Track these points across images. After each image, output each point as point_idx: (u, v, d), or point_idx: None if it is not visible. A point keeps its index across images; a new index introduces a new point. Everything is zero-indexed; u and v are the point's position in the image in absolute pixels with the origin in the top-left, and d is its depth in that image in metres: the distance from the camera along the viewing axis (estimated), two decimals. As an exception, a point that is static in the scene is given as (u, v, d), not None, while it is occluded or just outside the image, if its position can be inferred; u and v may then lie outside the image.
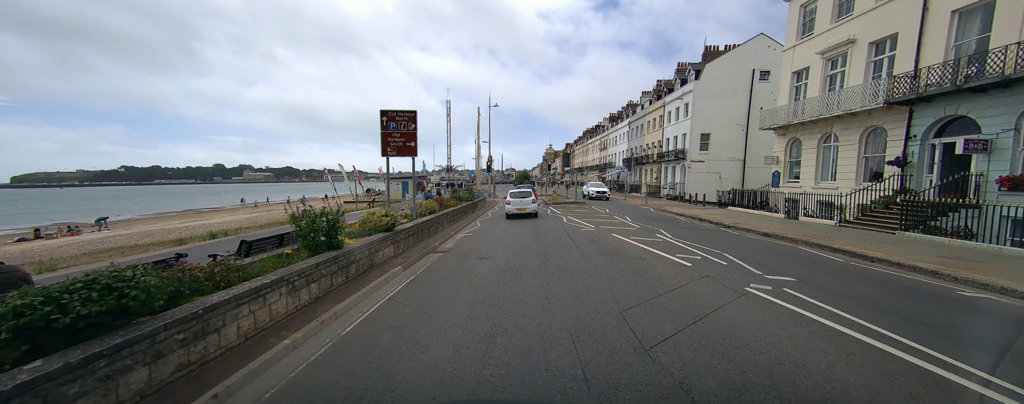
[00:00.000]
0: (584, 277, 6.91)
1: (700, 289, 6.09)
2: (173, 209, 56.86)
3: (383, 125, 11.49)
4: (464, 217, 18.29)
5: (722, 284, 6.36)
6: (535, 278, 6.89)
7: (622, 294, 5.84)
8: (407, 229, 9.63)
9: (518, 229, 14.17)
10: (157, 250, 13.17)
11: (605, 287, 6.24)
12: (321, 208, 6.64)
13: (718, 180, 32.08)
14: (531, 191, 19.02)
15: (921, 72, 12.67)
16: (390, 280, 7.07)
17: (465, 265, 8.24)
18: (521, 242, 11.11)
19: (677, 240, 11.10)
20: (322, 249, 6.22)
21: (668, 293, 5.87)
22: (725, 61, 31.36)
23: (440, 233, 12.93)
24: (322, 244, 6.23)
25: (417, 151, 11.81)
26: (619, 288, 6.16)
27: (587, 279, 6.76)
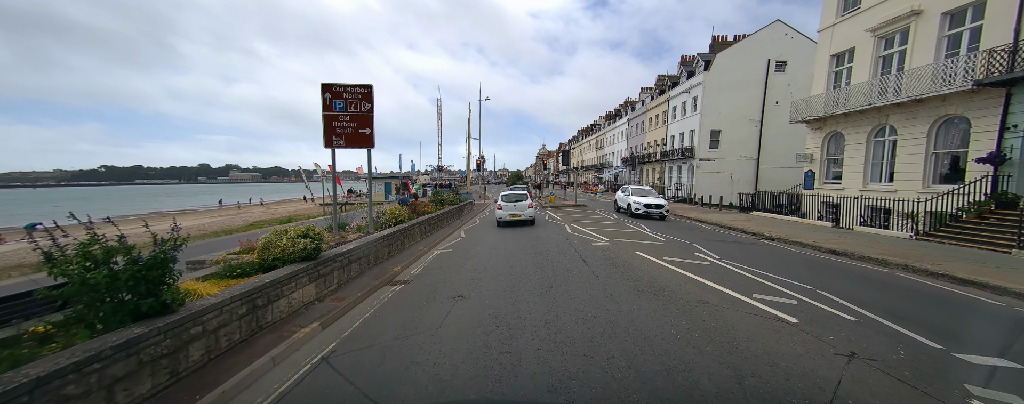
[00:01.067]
0: (625, 348, 3.91)
1: (865, 396, 3.11)
2: (139, 211, 52.78)
3: (325, 104, 8.37)
4: (446, 225, 15.19)
5: (897, 379, 3.38)
6: (541, 353, 3.87)
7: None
8: (346, 253, 6.53)
9: (511, 243, 11.13)
10: (12, 277, 9.77)
11: (673, 382, 3.24)
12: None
13: (729, 181, 29.39)
14: (526, 193, 16.01)
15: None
16: (284, 360, 3.97)
17: (428, 315, 5.18)
18: (515, 266, 8.06)
19: (728, 262, 8.15)
20: (123, 319, 3.11)
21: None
22: (737, 51, 28.68)
23: (409, 250, 9.83)
24: (124, 308, 3.13)
25: (374, 140, 8.71)
26: (705, 384, 3.18)
27: (633, 356, 3.76)
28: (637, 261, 8.24)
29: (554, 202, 24.85)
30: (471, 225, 16.02)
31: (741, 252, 9.42)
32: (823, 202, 16.42)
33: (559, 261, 8.38)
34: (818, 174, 17.27)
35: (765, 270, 7.45)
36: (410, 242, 10.25)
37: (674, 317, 4.86)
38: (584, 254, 9.11)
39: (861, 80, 14.91)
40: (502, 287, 6.43)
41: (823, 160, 17.18)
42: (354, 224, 9.24)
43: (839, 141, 16.46)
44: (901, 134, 13.47)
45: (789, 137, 28.57)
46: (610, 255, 8.95)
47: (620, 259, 8.48)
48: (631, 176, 45.64)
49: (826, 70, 16.93)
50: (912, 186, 12.94)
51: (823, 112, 16.46)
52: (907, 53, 13.33)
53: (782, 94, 28.36)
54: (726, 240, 11.44)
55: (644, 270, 7.40)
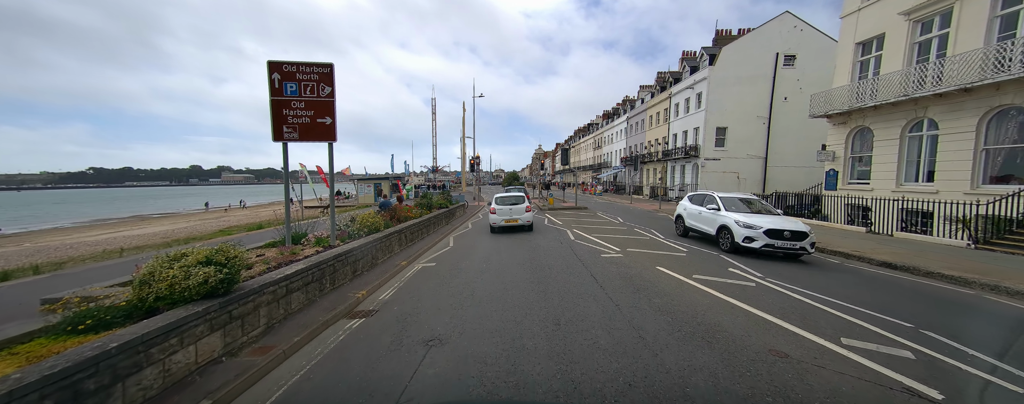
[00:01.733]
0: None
1: None
2: (119, 215, 50.63)
3: (272, 87, 6.73)
4: (433, 232, 13.55)
5: None
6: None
7: None
8: (286, 279, 4.89)
9: (506, 254, 9.52)
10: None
11: None
12: None
13: (736, 181, 27.99)
14: (523, 195, 14.41)
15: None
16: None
17: (386, 374, 3.57)
18: (511, 288, 6.45)
19: (774, 282, 6.59)
20: None
21: None
22: (744, 44, 27.29)
23: (383, 265, 8.20)
24: None
25: (336, 132, 7.08)
26: None
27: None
28: (661, 281, 6.66)
29: (553, 204, 23.27)
30: (462, 231, 14.39)
31: (781, 266, 7.87)
32: (848, 204, 14.98)
33: (565, 281, 6.79)
34: (842, 173, 15.82)
35: (825, 294, 5.89)
36: (386, 255, 8.60)
37: (749, 385, 3.27)
38: (595, 270, 7.52)
39: (893, 69, 13.46)
40: (494, 323, 4.82)
41: (847, 158, 15.73)
42: (314, 236, 7.57)
43: (866, 137, 15.02)
44: (943, 128, 12.03)
45: (798, 135, 27.25)
46: (626, 271, 7.36)
47: (640, 278, 6.90)
48: (630, 176, 44.17)
49: (850, 60, 15.50)
50: (957, 187, 11.49)
51: (847, 105, 15.01)
52: (949, 37, 11.90)
53: (791, 89, 27.02)
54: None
55: (675, 295, 5.81)
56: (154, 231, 21.77)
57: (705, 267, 7.67)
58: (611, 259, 8.57)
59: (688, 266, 7.77)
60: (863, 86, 14.49)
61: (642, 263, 8.09)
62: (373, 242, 7.85)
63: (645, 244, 10.55)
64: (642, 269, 7.51)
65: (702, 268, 7.58)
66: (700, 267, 7.68)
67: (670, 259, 8.47)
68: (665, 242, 10.89)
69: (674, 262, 8.17)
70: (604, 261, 8.36)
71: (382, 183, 34.56)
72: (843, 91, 15.37)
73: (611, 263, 8.16)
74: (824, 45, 26.66)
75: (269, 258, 6.10)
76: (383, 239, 8.44)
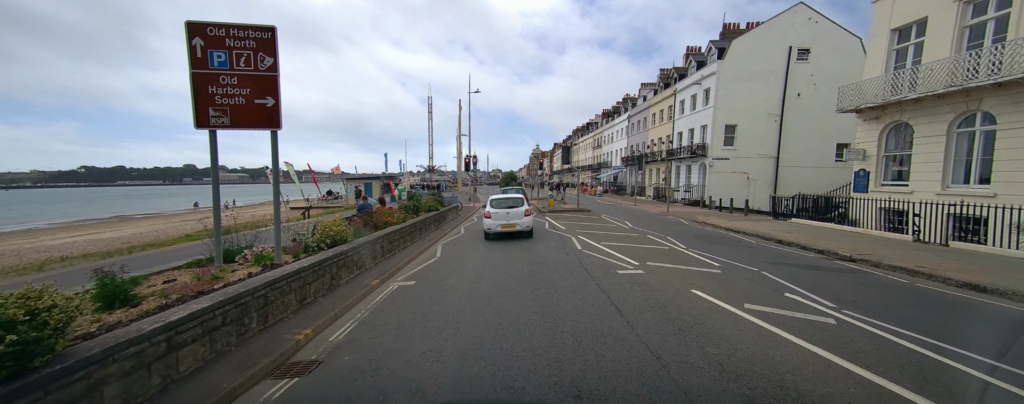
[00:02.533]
0: None
1: None
2: (100, 215, 48.64)
3: (193, 56, 5.11)
4: (419, 238, 11.95)
5: None
6: None
7: None
8: (172, 326, 3.27)
9: (502, 269, 7.93)
10: None
11: None
12: None
13: (746, 182, 26.51)
14: (522, 197, 12.81)
15: None
16: None
17: None
18: (507, 327, 4.85)
19: (857, 317, 5.01)
20: None
21: None
22: (755, 37, 25.81)
23: (347, 286, 6.58)
24: None
25: (280, 118, 5.46)
26: None
27: None
28: (706, 314, 5.07)
29: (553, 206, 21.70)
30: (453, 237, 12.78)
31: (848, 289, 6.31)
32: (883, 208, 13.49)
33: (578, 312, 5.19)
34: (874, 174, 14.31)
35: (938, 338, 4.32)
36: (352, 273, 6.98)
37: None
38: (615, 294, 5.93)
39: (938, 57, 11.96)
40: (484, 390, 3.24)
41: (880, 157, 14.22)
42: (254, 251, 5.93)
43: (903, 133, 13.53)
44: (1002, 123, 10.53)
45: (812, 133, 25.82)
46: (654, 297, 5.78)
47: (675, 307, 5.31)
48: (631, 176, 42.68)
49: (884, 48, 14.00)
50: (1021, 190, 10.00)
51: (881, 98, 13.51)
52: (1011, 19, 10.40)
53: (805, 85, 25.57)
54: (798, 263, 8.33)
55: (735, 340, 4.22)
56: (118, 235, 20.01)
57: (753, 290, 6.10)
58: (631, 277, 6.98)
59: (731, 288, 6.19)
60: (901, 77, 12.99)
61: (671, 283, 6.50)
62: (334, 258, 6.22)
63: (666, 256, 8.97)
64: (674, 294, 5.92)
65: (751, 292, 6.00)
66: (747, 290, 6.10)
67: (704, 278, 6.89)
68: (689, 253, 9.31)
69: (711, 282, 6.59)
70: (623, 280, 6.77)
71: (372, 183, 32.89)
72: (876, 83, 13.87)
73: (632, 283, 6.57)
74: (840, 38, 25.25)
75: (176, 287, 4.46)
76: (350, 252, 6.82)
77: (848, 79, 25.56)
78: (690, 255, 9.07)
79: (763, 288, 6.22)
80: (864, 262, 8.50)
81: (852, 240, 11.31)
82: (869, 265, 8.30)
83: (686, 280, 6.72)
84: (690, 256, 8.94)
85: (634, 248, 10.01)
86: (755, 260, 8.52)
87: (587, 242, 11.02)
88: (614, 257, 8.86)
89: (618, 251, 9.57)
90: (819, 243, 10.60)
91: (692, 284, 6.44)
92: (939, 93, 11.54)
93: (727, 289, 6.14)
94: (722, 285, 6.38)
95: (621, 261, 8.39)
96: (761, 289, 6.16)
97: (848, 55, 25.22)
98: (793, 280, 6.73)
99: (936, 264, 7.92)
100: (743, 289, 6.15)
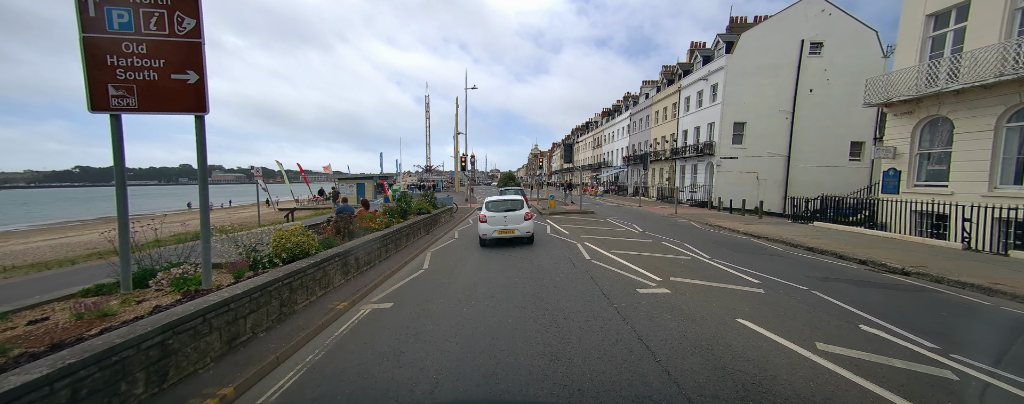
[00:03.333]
0: None
1: None
2: (86, 216, 47.17)
3: (84, 16, 3.81)
4: (402, 247, 10.68)
5: None
6: None
7: None
8: None
9: (500, 286, 6.67)
10: None
11: None
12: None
13: (755, 182, 25.33)
14: (521, 199, 11.54)
15: None
16: None
17: None
18: (503, 384, 3.59)
19: (969, 363, 3.75)
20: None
21: None
22: (765, 30, 24.61)
23: (304, 313, 5.31)
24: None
25: (206, 101, 4.17)
26: None
27: None
28: (770, 358, 3.81)
29: (554, 207, 20.44)
30: (445, 243, 11.51)
31: (930, 318, 5.05)
32: (916, 211, 12.28)
33: (597, 351, 3.93)
34: (906, 174, 13.10)
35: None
36: (311, 295, 5.69)
37: None
38: (641, 326, 4.67)
39: (983, 44, 10.75)
40: None
41: (913, 155, 13.01)
42: (179, 271, 4.62)
43: (941, 129, 12.32)
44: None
45: (825, 131, 24.66)
46: (693, 330, 4.52)
47: (724, 347, 4.05)
48: (633, 176, 41.46)
49: (918, 35, 12.78)
50: (1088, 190, 8.80)
51: (915, 91, 12.31)
52: (1075, -3, 9.21)
53: (818, 80, 24.39)
54: (845, 278, 7.10)
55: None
56: (87, 240, 18.64)
57: (817, 320, 4.84)
58: (655, 299, 5.72)
59: (786, 317, 4.93)
60: (938, 67, 11.78)
61: (708, 308, 5.24)
62: (287, 278, 4.94)
63: (690, 269, 7.71)
64: (717, 325, 4.66)
65: (815, 323, 4.74)
66: (808, 320, 4.85)
67: (746, 300, 5.63)
68: (716, 265, 8.05)
69: (757, 306, 5.33)
70: (646, 303, 5.51)
71: (365, 183, 31.54)
72: (908, 74, 12.66)
73: (659, 307, 5.31)
74: (855, 31, 24.08)
75: (36, 333, 3.17)
76: (311, 269, 5.54)
77: (863, 74, 24.35)
78: (718, 267, 7.81)
79: (826, 316, 4.97)
80: (921, 276, 7.27)
81: (891, 247, 10.10)
82: (928, 280, 7.08)
83: (725, 303, 5.47)
84: (718, 269, 7.68)
85: (650, 258, 8.75)
86: (794, 274, 7.27)
87: (595, 250, 9.77)
88: (629, 270, 7.60)
89: (633, 262, 8.31)
90: (857, 251, 9.39)
91: (735, 309, 5.18)
92: (987, 84, 10.33)
93: (782, 318, 4.89)
94: (773, 311, 5.13)
95: (639, 275, 7.13)
96: (825, 318, 4.91)
97: (863, 49, 24.07)
98: (857, 303, 5.47)
99: (1009, 280, 6.69)
100: (803, 318, 4.89)
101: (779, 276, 7.04)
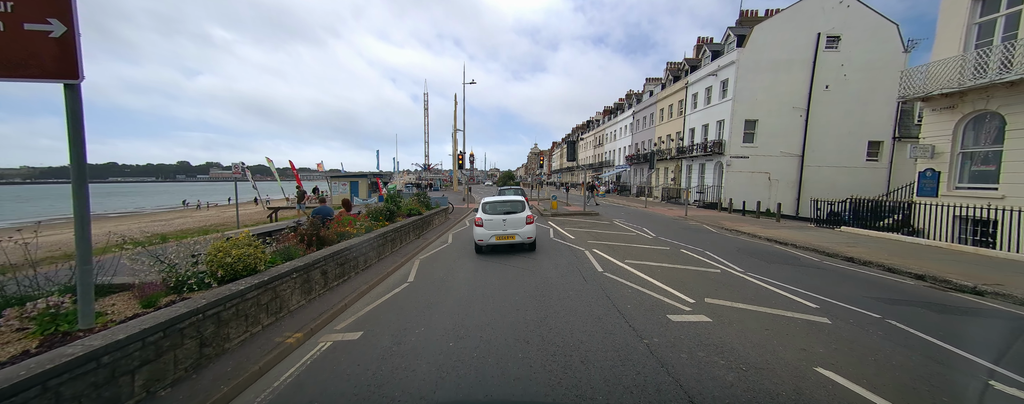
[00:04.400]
0: None
1: None
2: (70, 214, 45.69)
3: None
4: (388, 254, 9.46)
5: None
6: None
7: None
8: None
9: (496, 311, 5.46)
10: None
11: None
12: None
13: (767, 182, 24.14)
14: (522, 201, 10.32)
15: None
16: None
17: None
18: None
19: None
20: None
21: None
22: (779, 23, 23.38)
23: (228, 357, 4.07)
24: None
25: (78, 63, 2.89)
26: None
27: None
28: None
29: (556, 208, 19.22)
30: (437, 249, 10.29)
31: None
32: (958, 216, 11.08)
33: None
34: (946, 175, 11.89)
35: None
36: (252, 326, 4.44)
37: None
38: (684, 374, 3.45)
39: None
40: None
41: (955, 154, 11.81)
42: (52, 301, 3.38)
43: (989, 125, 11.12)
44: None
45: (840, 129, 23.48)
46: (760, 385, 3.30)
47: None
48: (636, 176, 40.25)
49: (962, 21, 11.56)
50: None
51: (958, 83, 11.11)
52: None
53: (834, 76, 23.19)
54: (916, 300, 5.88)
55: None
56: (58, 240, 17.37)
57: (925, 370, 3.63)
58: (695, 330, 4.50)
59: (881, 365, 3.71)
60: (987, 56, 10.58)
61: (770, 348, 4.02)
62: (209, 308, 3.70)
63: (724, 285, 6.48)
64: (794, 378, 3.42)
65: (926, 376, 3.53)
66: (913, 370, 3.62)
67: (813, 334, 4.42)
68: (754, 281, 6.82)
69: (832, 345, 4.11)
70: (685, 337, 4.29)
71: (359, 181, 30.29)
72: (950, 65, 11.45)
73: (703, 345, 4.09)
74: (875, 24, 22.87)
75: None
76: (254, 292, 4.29)
77: (882, 69, 23.25)
78: (757, 284, 6.59)
79: (934, 364, 3.74)
80: (1001, 297, 6.07)
81: (939, 257, 8.90)
82: (1014, 303, 5.87)
83: (788, 340, 4.24)
84: (759, 287, 6.46)
85: (673, 271, 7.53)
86: (852, 294, 6.06)
87: (607, 259, 8.54)
88: (651, 286, 6.38)
89: (653, 275, 7.09)
90: (906, 263, 8.19)
91: (805, 350, 3.96)
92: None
93: (877, 367, 3.65)
94: (859, 355, 3.89)
95: (665, 295, 5.91)
96: (934, 367, 3.68)
97: (883, 43, 22.87)
98: (955, 340, 4.26)
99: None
100: (906, 367, 3.66)
101: (835, 297, 5.82)
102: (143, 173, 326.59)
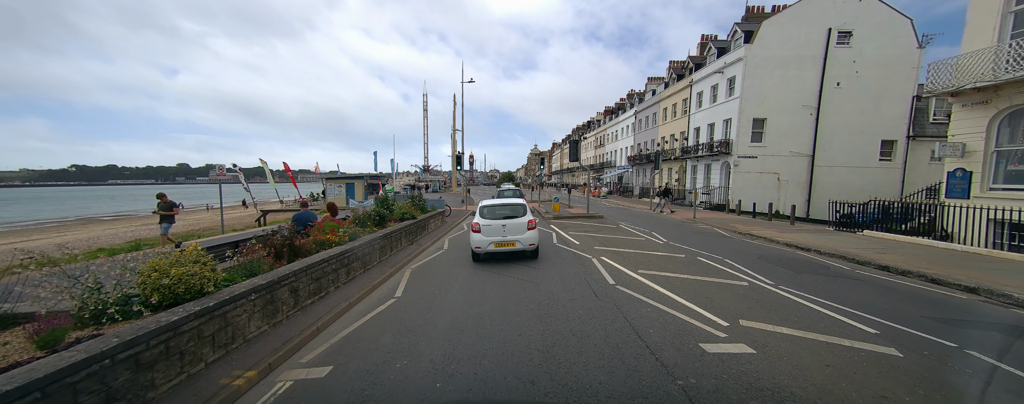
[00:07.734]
0: None
1: None
2: (63, 216, 44.97)
3: None
4: (373, 264, 8.64)
5: None
6: None
7: None
8: None
9: (494, 336, 4.64)
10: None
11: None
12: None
13: (776, 183, 23.33)
14: (523, 203, 9.49)
15: None
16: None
17: None
18: None
19: None
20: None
21: None
22: (788, 18, 22.59)
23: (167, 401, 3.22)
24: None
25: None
26: None
27: None
28: None
29: (558, 211, 18.39)
30: (431, 257, 9.46)
31: None
32: (993, 219, 10.26)
33: None
34: (979, 175, 11.07)
35: None
36: (196, 362, 3.61)
37: None
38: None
39: (1092, 15, 8.75)
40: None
41: (989, 153, 10.99)
42: None
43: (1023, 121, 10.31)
44: None
45: (852, 128, 22.65)
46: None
47: None
48: (638, 177, 39.42)
49: (996, 10, 10.75)
50: None
51: (992, 76, 10.32)
52: None
53: (846, 73, 22.39)
54: (981, 320, 5.06)
55: None
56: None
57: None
58: (737, 365, 3.67)
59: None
60: (1023, 48, 9.78)
61: (840, 395, 3.19)
62: (125, 348, 2.87)
63: (760, 303, 5.64)
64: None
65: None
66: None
67: (889, 373, 3.59)
68: (792, 298, 5.99)
69: (920, 393, 3.28)
70: (728, 377, 3.46)
71: (355, 183, 29.46)
72: (983, 57, 10.64)
73: (751, 387, 3.26)
74: (888, 19, 22.07)
75: None
76: (191, 323, 3.46)
77: (895, 66, 22.43)
78: (795, 301, 5.75)
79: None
80: (1077, 314, 5.24)
81: (983, 266, 8.07)
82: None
83: (858, 381, 3.41)
84: (798, 304, 5.62)
85: (692, 283, 6.70)
86: (904, 313, 5.22)
87: (618, 269, 7.72)
88: (673, 303, 5.55)
89: (672, 289, 6.26)
90: (948, 272, 7.38)
91: (886, 400, 3.13)
92: (1100, 63, 8.31)
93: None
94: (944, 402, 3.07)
95: (692, 315, 5.08)
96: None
97: (896, 38, 22.07)
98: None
99: None
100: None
101: (889, 318, 4.99)
102: (143, 175, 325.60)
